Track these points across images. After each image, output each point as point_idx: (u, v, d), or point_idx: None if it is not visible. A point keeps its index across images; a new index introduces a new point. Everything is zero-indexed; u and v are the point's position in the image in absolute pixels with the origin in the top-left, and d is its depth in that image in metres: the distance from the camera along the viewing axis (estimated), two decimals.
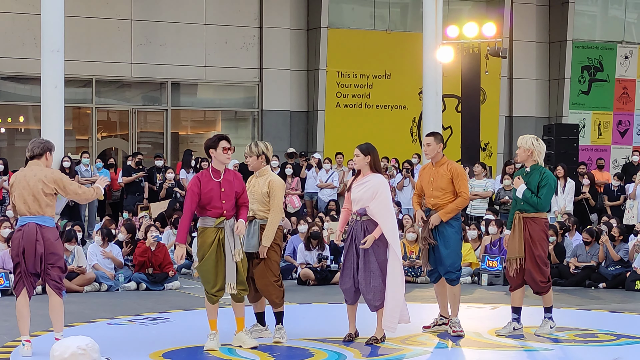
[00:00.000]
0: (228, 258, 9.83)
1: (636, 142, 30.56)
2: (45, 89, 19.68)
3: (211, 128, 27.53)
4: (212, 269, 9.84)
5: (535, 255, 10.80)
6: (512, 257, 10.84)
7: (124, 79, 25.57)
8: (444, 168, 10.91)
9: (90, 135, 25.49)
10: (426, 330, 11.05)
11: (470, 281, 16.41)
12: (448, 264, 10.78)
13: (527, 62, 29.76)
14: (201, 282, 10.09)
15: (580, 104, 30.07)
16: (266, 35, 26.69)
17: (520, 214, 10.84)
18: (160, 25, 25.62)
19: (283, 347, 10.11)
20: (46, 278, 9.48)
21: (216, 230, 9.85)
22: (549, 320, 11.01)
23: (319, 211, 21.14)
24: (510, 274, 10.89)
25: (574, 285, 16.16)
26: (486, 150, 28.66)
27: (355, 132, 26.04)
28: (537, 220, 10.84)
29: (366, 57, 27.43)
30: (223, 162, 9.96)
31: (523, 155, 10.94)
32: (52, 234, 9.44)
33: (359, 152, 10.39)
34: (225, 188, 9.89)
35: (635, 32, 30.87)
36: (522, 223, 10.80)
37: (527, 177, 10.92)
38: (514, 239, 10.83)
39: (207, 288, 9.93)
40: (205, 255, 9.85)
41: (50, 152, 9.62)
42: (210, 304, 9.99)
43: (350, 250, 10.34)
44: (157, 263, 15.75)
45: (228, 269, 9.83)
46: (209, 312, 10.06)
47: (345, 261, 10.40)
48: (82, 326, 11.43)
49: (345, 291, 10.40)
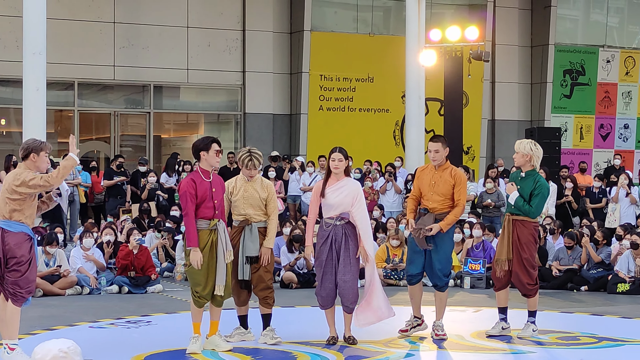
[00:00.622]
0: (220, 260, 9.82)
1: (618, 146, 30.67)
2: (27, 91, 19.59)
3: (194, 131, 27.48)
4: (204, 270, 9.83)
5: (523, 258, 10.80)
6: (500, 258, 10.84)
7: (106, 81, 25.49)
8: (448, 173, 10.76)
9: None
10: (404, 333, 11.02)
11: (453, 284, 16.42)
12: (438, 269, 10.74)
13: (509, 66, 29.83)
14: (190, 284, 10.01)
15: (562, 107, 30.17)
16: (249, 39, 26.67)
17: (510, 216, 10.84)
18: (143, 28, 25.56)
19: (266, 350, 10.10)
20: (2, 282, 9.19)
21: (209, 232, 9.85)
22: (532, 324, 11.03)
23: (302, 214, 21.13)
24: (497, 274, 10.89)
25: (556, 288, 16.20)
26: (469, 153, 28.71)
27: (338, 136, 26.03)
28: (527, 223, 10.83)
29: (349, 60, 27.43)
30: (213, 165, 10.03)
31: (521, 160, 10.90)
32: (16, 238, 9.13)
33: (341, 156, 10.38)
34: (215, 188, 9.95)
35: (617, 36, 30.99)
36: (512, 225, 10.80)
37: (520, 182, 10.88)
38: (502, 241, 10.83)
39: (198, 290, 9.89)
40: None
41: (35, 152, 9.31)
42: (196, 307, 9.98)
43: (329, 254, 10.32)
44: (139, 266, 15.71)
45: (220, 271, 9.83)
46: (194, 315, 10.04)
47: (325, 266, 10.34)
48: (64, 329, 11.37)
49: (325, 297, 10.37)
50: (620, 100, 30.82)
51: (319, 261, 10.40)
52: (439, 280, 10.79)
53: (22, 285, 9.14)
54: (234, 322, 10.60)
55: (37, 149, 9.38)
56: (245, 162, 10.27)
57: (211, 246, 9.84)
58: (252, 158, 10.27)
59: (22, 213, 9.25)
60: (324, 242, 10.36)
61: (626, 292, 15.56)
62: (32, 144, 9.42)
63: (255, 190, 10.29)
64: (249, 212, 10.24)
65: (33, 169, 9.34)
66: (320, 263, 10.38)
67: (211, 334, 10.10)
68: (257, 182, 10.33)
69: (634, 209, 20.19)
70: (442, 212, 10.69)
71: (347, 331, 10.48)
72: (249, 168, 10.27)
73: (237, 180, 10.38)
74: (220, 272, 9.84)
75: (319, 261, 10.42)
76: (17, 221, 9.19)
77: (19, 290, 9.12)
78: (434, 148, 10.82)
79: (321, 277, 10.41)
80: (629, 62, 30.87)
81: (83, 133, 25.86)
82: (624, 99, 30.88)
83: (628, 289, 15.57)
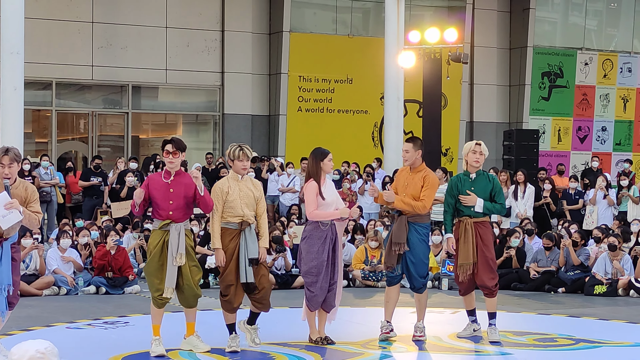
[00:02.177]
0: (170, 262, 9.71)
1: (595, 148, 30.82)
2: (4, 91, 19.53)
3: (172, 131, 27.43)
4: (157, 272, 9.75)
5: (489, 259, 10.84)
6: (464, 262, 10.81)
7: (84, 81, 25.42)
8: (419, 176, 10.78)
9: (50, 138, 25.32)
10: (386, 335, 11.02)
11: (431, 285, 16.44)
12: (414, 271, 10.74)
13: (488, 68, 29.93)
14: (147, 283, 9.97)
15: (540, 109, 30.28)
16: (228, 39, 26.65)
17: (470, 219, 10.84)
18: (121, 28, 25.50)
19: (244, 351, 10.07)
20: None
21: (162, 233, 9.78)
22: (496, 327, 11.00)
23: (281, 215, 21.12)
24: (460, 279, 10.88)
25: (533, 290, 16.24)
26: (447, 155, 28.78)
27: (316, 137, 26.05)
28: (487, 224, 10.94)
29: (328, 61, 27.46)
30: (167, 165, 9.96)
31: (483, 161, 10.98)
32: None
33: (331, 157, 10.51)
34: (173, 189, 9.84)
35: (595, 39, 31.13)
36: (473, 229, 10.81)
37: (473, 184, 10.92)
38: (466, 245, 10.80)
39: (151, 291, 9.83)
40: (149, 257, 9.80)
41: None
42: (155, 308, 9.86)
43: (328, 254, 10.31)
44: (117, 267, 15.66)
45: (169, 273, 9.70)
46: (153, 317, 9.90)
47: (327, 266, 10.30)
48: (40, 330, 11.33)
49: (320, 298, 10.32)
50: (598, 103, 30.97)
51: (320, 261, 10.28)
52: (416, 282, 10.80)
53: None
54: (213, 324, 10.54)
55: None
56: (237, 153, 10.09)
57: (162, 246, 9.74)
58: (242, 148, 10.16)
59: None
60: (322, 242, 10.31)
61: (603, 293, 15.62)
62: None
63: (249, 189, 10.12)
64: (246, 212, 10.01)
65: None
66: (322, 263, 10.28)
67: (188, 335, 10.06)
68: (248, 180, 10.22)
69: (611, 211, 20.29)
70: (414, 215, 10.70)
71: (323, 331, 10.49)
72: (241, 159, 10.11)
73: (229, 180, 10.14)
74: (170, 274, 9.72)
75: (318, 262, 10.29)
76: None
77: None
78: (404, 148, 10.90)
79: (321, 278, 10.30)
80: (606, 65, 31.02)
81: (61, 133, 25.77)
82: (601, 101, 31.03)
83: (605, 291, 15.64)
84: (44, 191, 20.00)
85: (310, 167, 10.54)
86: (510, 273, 16.65)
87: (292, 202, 21.74)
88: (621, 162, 26.76)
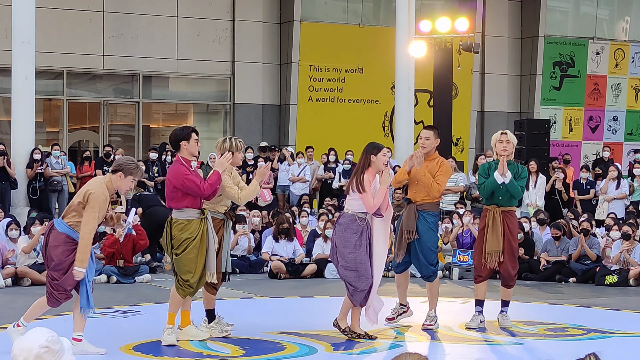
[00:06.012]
0: (211, 248, 9.77)
1: (606, 138, 30.73)
2: (15, 80, 19.57)
3: (183, 121, 27.42)
4: (195, 259, 9.75)
5: (514, 248, 10.93)
6: (493, 249, 10.80)
7: (95, 71, 25.44)
8: (434, 163, 10.80)
9: (61, 128, 25.35)
10: (390, 322, 11.06)
11: (441, 275, 16.44)
12: (423, 258, 10.75)
13: (499, 58, 29.84)
14: (180, 273, 9.82)
15: (551, 99, 30.20)
16: (239, 29, 26.62)
17: (498, 208, 10.86)
18: (132, 18, 25.50)
19: (254, 340, 10.10)
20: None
21: (199, 222, 9.78)
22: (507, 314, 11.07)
23: (292, 205, 21.12)
24: (489, 266, 10.86)
25: (544, 279, 16.24)
26: (458, 145, 28.72)
27: (327, 126, 26.03)
28: (513, 213, 11.04)
29: (339, 51, 27.41)
30: (194, 153, 9.98)
31: (512, 150, 11.07)
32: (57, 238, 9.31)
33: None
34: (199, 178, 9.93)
35: (607, 28, 31.03)
36: (501, 217, 10.83)
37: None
38: (493, 233, 10.81)
39: (188, 278, 9.76)
40: (190, 246, 9.73)
41: (124, 173, 9.29)
42: (180, 298, 9.87)
43: (366, 249, 10.22)
44: (127, 254, 15.70)
45: (210, 259, 9.78)
46: (174, 306, 9.90)
47: (370, 259, 10.24)
48: (52, 319, 11.37)
49: (361, 293, 10.22)
50: (609, 93, 30.87)
51: (359, 254, 10.15)
52: (425, 270, 10.83)
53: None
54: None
55: (127, 171, 9.34)
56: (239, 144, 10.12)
57: (202, 235, 9.76)
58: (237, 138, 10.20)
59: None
60: (359, 236, 10.17)
61: (614, 284, 15.60)
62: (125, 164, 9.41)
63: (232, 178, 10.26)
64: (230, 202, 10.28)
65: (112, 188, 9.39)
66: (362, 257, 10.16)
67: (184, 325, 10.05)
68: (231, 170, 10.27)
69: (622, 201, 20.24)
70: (424, 203, 10.73)
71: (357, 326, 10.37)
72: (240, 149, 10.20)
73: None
74: (211, 260, 9.79)
75: (358, 254, 10.16)
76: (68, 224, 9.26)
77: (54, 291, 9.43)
78: (425, 135, 10.88)
79: (365, 271, 10.16)
80: (618, 54, 30.91)
81: (72, 122, 25.79)
82: (613, 91, 30.94)
83: (616, 281, 15.62)
84: (54, 180, 20.04)
85: (360, 161, 10.42)
86: (521, 263, 16.62)
87: (302, 192, 21.73)
88: (632, 152, 26.69)
